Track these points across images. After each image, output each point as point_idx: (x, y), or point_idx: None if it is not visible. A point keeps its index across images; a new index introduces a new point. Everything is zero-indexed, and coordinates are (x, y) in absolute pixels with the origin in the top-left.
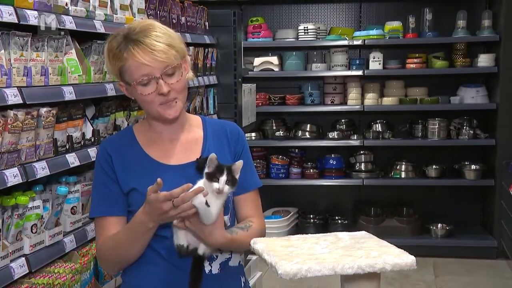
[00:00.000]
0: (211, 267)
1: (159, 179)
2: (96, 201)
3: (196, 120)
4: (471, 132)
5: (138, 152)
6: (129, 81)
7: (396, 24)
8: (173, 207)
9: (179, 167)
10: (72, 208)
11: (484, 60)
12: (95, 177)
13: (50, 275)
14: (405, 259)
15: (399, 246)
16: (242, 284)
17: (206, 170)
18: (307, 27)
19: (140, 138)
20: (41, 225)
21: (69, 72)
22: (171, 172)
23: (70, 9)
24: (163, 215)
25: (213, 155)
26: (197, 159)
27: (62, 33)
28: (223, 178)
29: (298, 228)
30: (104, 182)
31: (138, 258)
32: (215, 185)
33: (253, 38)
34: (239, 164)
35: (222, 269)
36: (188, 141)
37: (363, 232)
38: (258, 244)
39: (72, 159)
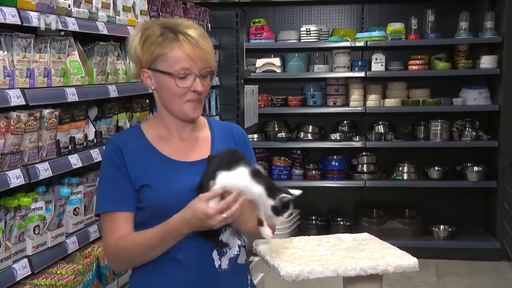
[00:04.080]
0: (221, 262)
1: (220, 189)
2: (105, 196)
3: (202, 121)
4: (474, 133)
5: (148, 148)
6: (167, 71)
7: (398, 26)
8: (224, 218)
9: (190, 164)
10: (74, 210)
11: (486, 62)
12: (104, 173)
13: (52, 276)
14: (408, 261)
15: (401, 247)
16: (249, 282)
17: (272, 204)
18: (309, 29)
19: (149, 135)
20: (44, 226)
21: (71, 74)
22: (183, 169)
23: (73, 10)
24: (209, 225)
25: (289, 197)
26: (208, 156)
27: (63, 33)
28: (288, 213)
29: (300, 230)
30: (115, 177)
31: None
32: (281, 218)
33: (255, 40)
34: (298, 194)
35: (231, 265)
36: (197, 139)
37: (365, 234)
38: (261, 245)
39: (75, 161)
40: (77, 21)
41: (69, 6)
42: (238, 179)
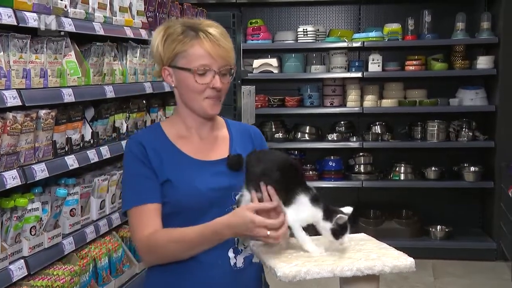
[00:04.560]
0: (236, 260)
1: (275, 203)
2: (133, 191)
3: (220, 120)
4: (470, 134)
5: (169, 146)
6: (186, 67)
7: (395, 26)
8: (267, 235)
9: (210, 163)
10: (71, 210)
11: (483, 62)
12: (129, 169)
13: (49, 277)
14: (404, 261)
15: (398, 248)
16: (263, 280)
17: (331, 226)
18: (306, 29)
19: (169, 134)
20: (40, 227)
21: (68, 74)
22: (203, 168)
23: (69, 11)
24: (252, 234)
25: (346, 218)
26: (228, 156)
27: (63, 33)
28: (348, 235)
29: None
30: (141, 173)
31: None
32: (340, 242)
33: (252, 40)
34: (350, 212)
35: (246, 263)
36: (216, 138)
37: (362, 234)
38: (257, 246)
39: (71, 161)
40: (73, 22)
41: (65, 6)
42: (305, 215)
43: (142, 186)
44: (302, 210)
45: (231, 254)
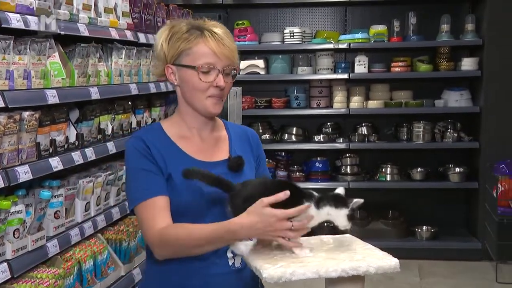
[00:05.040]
0: (234, 260)
1: (287, 192)
2: (140, 186)
3: (219, 121)
4: (455, 135)
5: (170, 145)
6: (190, 64)
7: (381, 28)
8: (290, 228)
9: (211, 164)
10: (55, 213)
11: (467, 64)
12: (134, 166)
13: (32, 281)
14: (389, 261)
15: (384, 248)
16: (260, 281)
17: (347, 213)
18: (292, 31)
19: (170, 133)
20: (24, 230)
21: (52, 76)
22: (205, 168)
23: (53, 12)
24: (273, 232)
25: (361, 200)
26: (228, 157)
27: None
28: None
29: None
30: (147, 168)
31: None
32: (350, 225)
33: (239, 41)
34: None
35: (243, 263)
36: (216, 139)
37: (347, 235)
38: (243, 248)
39: (56, 163)
40: (57, 23)
41: (49, 7)
42: (316, 222)
43: (149, 181)
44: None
45: (229, 254)
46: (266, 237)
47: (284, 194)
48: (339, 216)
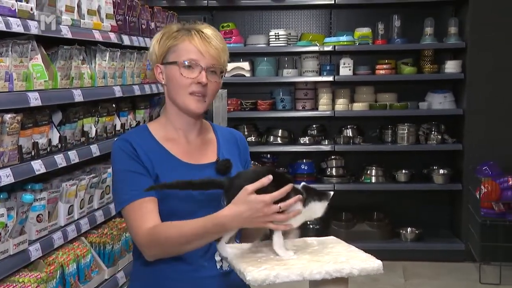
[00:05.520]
0: (222, 262)
1: (270, 176)
2: (129, 187)
3: (206, 124)
4: (439, 137)
5: (157, 147)
6: (174, 60)
7: (365, 31)
8: (279, 211)
9: (199, 167)
10: (38, 216)
11: (451, 67)
12: (121, 168)
13: (14, 285)
14: (372, 263)
15: (369, 250)
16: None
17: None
18: (278, 33)
19: (156, 135)
20: (5, 234)
21: (34, 78)
22: (192, 171)
23: (35, 14)
24: (262, 218)
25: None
26: (216, 160)
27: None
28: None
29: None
30: (134, 169)
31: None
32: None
33: None
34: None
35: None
36: (203, 142)
37: (331, 237)
38: (227, 250)
39: (38, 166)
40: (40, 25)
41: (31, 9)
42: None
43: (136, 182)
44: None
45: (217, 257)
46: (255, 225)
47: (267, 179)
48: (317, 209)
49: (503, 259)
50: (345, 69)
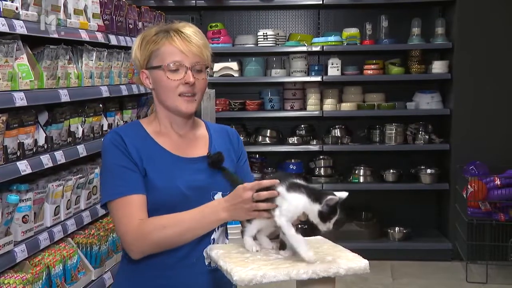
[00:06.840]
0: (211, 260)
1: (276, 180)
2: (114, 183)
3: (198, 120)
4: (427, 137)
5: (149, 140)
6: (158, 65)
7: (353, 31)
8: (252, 199)
9: (191, 160)
10: (23, 217)
11: (438, 67)
12: (112, 161)
13: (0, 286)
14: (359, 263)
15: (358, 250)
16: None
17: (319, 209)
18: (266, 33)
19: (149, 129)
20: None
21: (20, 78)
22: (183, 165)
23: (21, 13)
24: (243, 204)
25: (337, 198)
26: (208, 154)
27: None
28: (335, 219)
29: None
30: (124, 164)
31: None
32: (328, 226)
33: (212, 44)
34: (344, 197)
35: None
36: (196, 137)
37: (318, 237)
38: (214, 250)
39: (24, 167)
40: (25, 24)
41: (16, 8)
42: (285, 207)
43: (126, 177)
44: (281, 203)
45: (205, 254)
46: (243, 214)
47: (268, 181)
48: (314, 211)
49: (489, 258)
50: (333, 69)
